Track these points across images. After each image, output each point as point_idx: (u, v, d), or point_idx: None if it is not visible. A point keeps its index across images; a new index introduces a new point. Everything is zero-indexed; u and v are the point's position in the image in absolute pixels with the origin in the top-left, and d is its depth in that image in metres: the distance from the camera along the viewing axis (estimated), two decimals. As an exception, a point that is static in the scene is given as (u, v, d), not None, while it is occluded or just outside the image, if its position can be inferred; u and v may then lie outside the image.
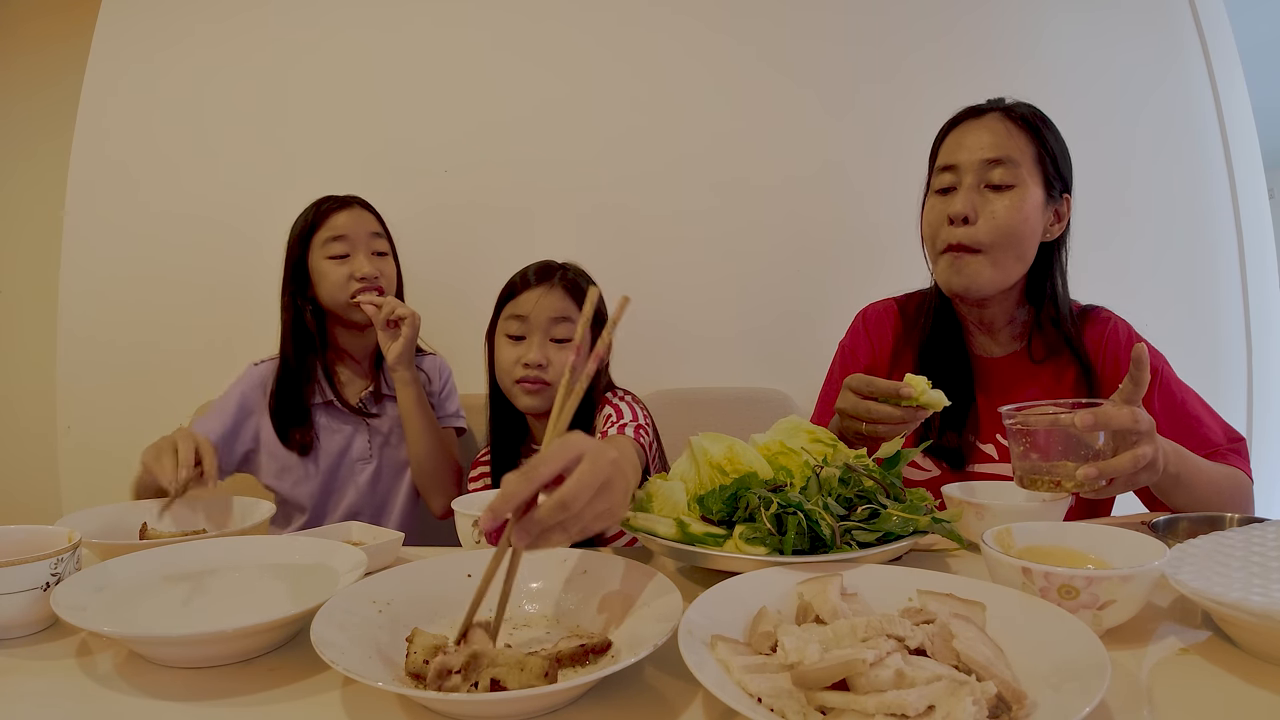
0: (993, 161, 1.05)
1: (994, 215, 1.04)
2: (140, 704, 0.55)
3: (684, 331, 1.87)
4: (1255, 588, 0.58)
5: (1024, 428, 0.80)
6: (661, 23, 1.90)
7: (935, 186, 1.11)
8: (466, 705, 0.51)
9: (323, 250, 1.37)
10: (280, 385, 1.38)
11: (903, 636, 0.52)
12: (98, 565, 0.72)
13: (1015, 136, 1.06)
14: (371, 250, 1.39)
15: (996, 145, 1.05)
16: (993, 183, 1.05)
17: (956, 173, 1.07)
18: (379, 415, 1.44)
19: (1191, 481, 0.91)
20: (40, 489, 2.02)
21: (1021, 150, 1.05)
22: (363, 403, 1.43)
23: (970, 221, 1.04)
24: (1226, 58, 1.96)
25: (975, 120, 1.09)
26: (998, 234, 1.04)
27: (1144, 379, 0.82)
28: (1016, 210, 1.04)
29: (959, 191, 1.06)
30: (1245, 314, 1.93)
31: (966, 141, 1.08)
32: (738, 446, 0.85)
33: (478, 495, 0.95)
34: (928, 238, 1.12)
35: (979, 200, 1.05)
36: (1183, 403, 1.08)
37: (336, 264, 1.36)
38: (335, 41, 1.92)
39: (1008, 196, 1.04)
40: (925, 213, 1.13)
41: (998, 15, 1.92)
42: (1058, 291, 1.12)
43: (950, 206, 1.06)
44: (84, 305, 1.92)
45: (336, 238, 1.36)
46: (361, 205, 1.43)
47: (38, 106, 2.38)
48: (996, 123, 1.07)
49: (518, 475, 0.53)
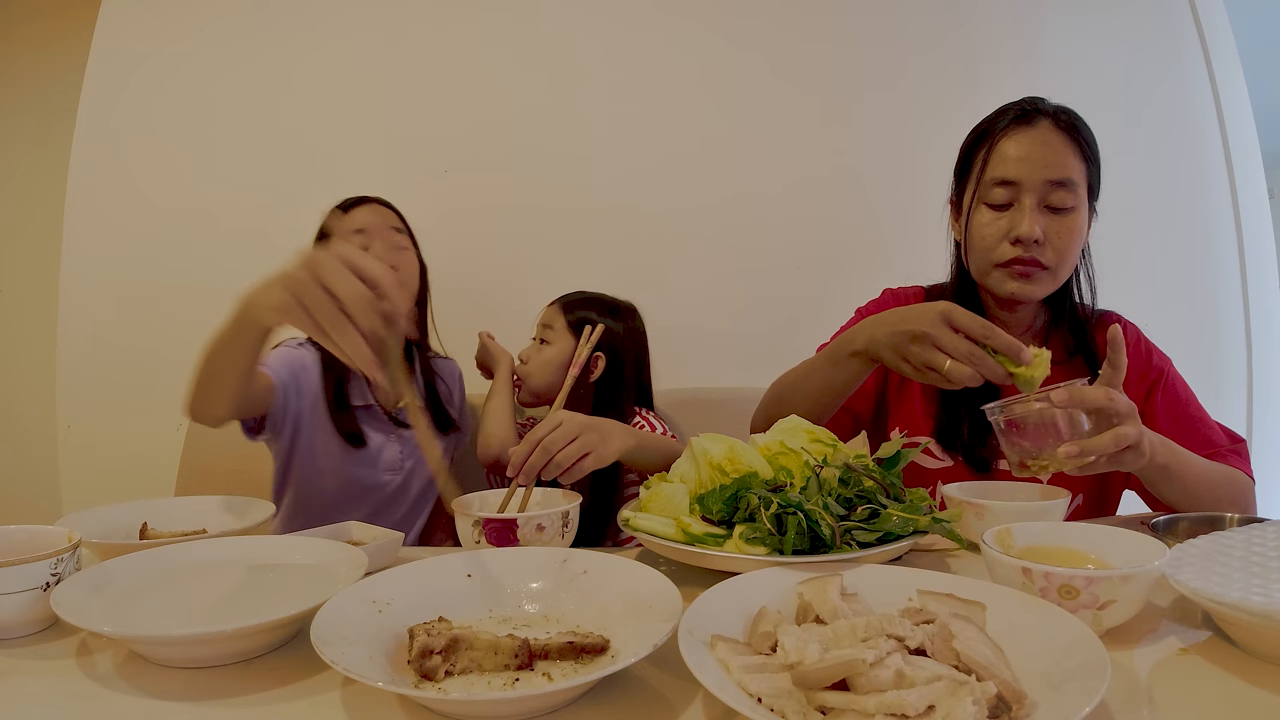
0: (1056, 183, 1.03)
1: (1058, 238, 1.04)
2: (140, 704, 0.55)
3: (685, 332, 1.87)
4: (1255, 588, 0.58)
5: (1010, 419, 0.83)
6: (665, 25, 1.90)
7: (988, 199, 1.07)
8: (466, 705, 0.51)
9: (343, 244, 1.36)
10: (331, 369, 1.33)
11: (903, 636, 0.52)
12: (98, 565, 0.72)
13: (1072, 155, 1.04)
14: (389, 244, 1.38)
15: (1060, 166, 1.03)
16: (1055, 205, 1.03)
17: (1015, 190, 1.04)
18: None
19: (1182, 475, 0.91)
20: (40, 489, 2.02)
21: (1079, 172, 1.04)
22: (399, 411, 1.41)
23: (1040, 244, 1.03)
24: (1226, 57, 1.96)
25: (1028, 129, 1.05)
26: (1060, 257, 1.04)
27: (1120, 361, 0.84)
28: (1077, 233, 1.05)
29: (1022, 212, 1.03)
30: (1245, 314, 1.93)
31: (1027, 155, 1.04)
32: (738, 447, 0.85)
33: (478, 495, 0.95)
34: (980, 249, 1.09)
35: (1043, 220, 1.04)
36: (1186, 404, 1.09)
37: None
38: (335, 41, 1.92)
39: (1068, 220, 1.04)
40: (977, 226, 1.08)
41: (998, 17, 1.92)
42: (1083, 297, 1.14)
43: (1017, 228, 1.03)
44: (84, 305, 1.92)
45: (356, 231, 1.36)
46: (381, 203, 1.43)
47: (38, 106, 2.39)
48: (1052, 135, 1.04)
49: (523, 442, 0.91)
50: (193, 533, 0.98)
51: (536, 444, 0.90)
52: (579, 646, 0.58)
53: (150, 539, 0.95)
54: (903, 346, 0.88)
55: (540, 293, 1.53)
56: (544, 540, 0.83)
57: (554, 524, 0.84)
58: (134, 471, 1.88)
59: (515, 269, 1.89)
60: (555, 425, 0.92)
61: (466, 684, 0.55)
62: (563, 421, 0.93)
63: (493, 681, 0.55)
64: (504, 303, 1.86)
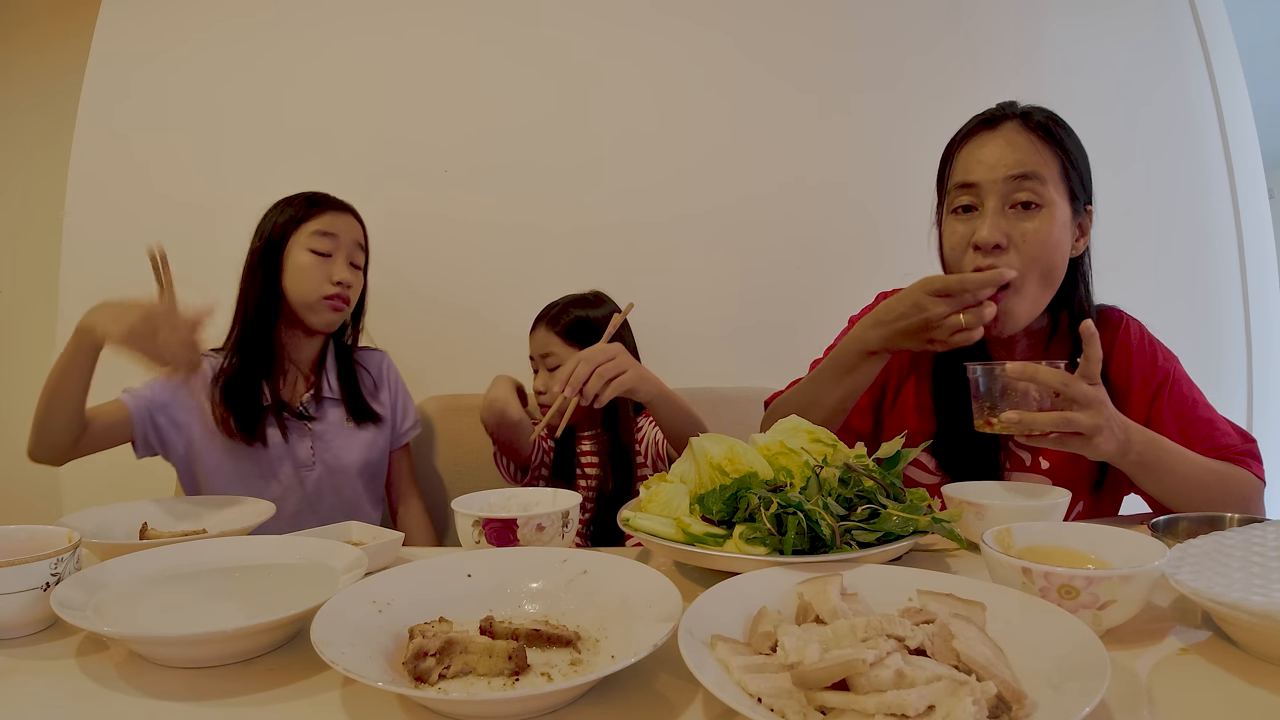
0: (1017, 178, 0.96)
1: (1024, 240, 0.96)
2: (140, 704, 0.55)
3: (685, 332, 1.87)
4: (1255, 588, 0.58)
5: (974, 376, 0.91)
6: (664, 28, 1.90)
7: (952, 205, 1.03)
8: (466, 705, 0.51)
9: (307, 242, 1.33)
10: (240, 371, 1.32)
11: (903, 636, 0.52)
12: (98, 565, 0.72)
13: (1038, 149, 0.98)
14: (351, 260, 1.37)
15: (1020, 160, 0.97)
16: (1019, 202, 0.97)
17: (976, 192, 0.99)
18: (319, 419, 1.40)
19: (1167, 474, 0.91)
20: (40, 489, 2.02)
21: (1046, 164, 0.97)
22: (303, 406, 1.39)
23: (1002, 248, 0.96)
24: (1226, 58, 1.96)
25: (990, 131, 1.01)
26: (1029, 262, 0.97)
27: (1094, 354, 0.85)
28: (1047, 234, 0.96)
29: (983, 215, 0.98)
30: (1245, 314, 1.93)
31: (985, 156, 0.99)
32: (738, 447, 0.85)
33: (478, 495, 0.95)
34: (950, 264, 1.04)
35: (1006, 223, 0.97)
36: (1194, 404, 1.06)
37: (317, 260, 1.33)
38: (336, 45, 1.92)
39: (1036, 218, 0.97)
40: (945, 235, 1.04)
41: (998, 17, 1.92)
42: (1083, 308, 1.08)
43: (977, 233, 0.97)
44: (84, 305, 1.90)
45: (326, 233, 1.34)
46: (354, 215, 1.41)
47: (38, 106, 2.38)
48: (1016, 134, 0.99)
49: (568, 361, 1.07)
50: (193, 533, 0.98)
51: (580, 360, 1.04)
52: (546, 636, 0.60)
53: (150, 539, 0.95)
54: (919, 335, 0.96)
55: (540, 293, 1.53)
56: (544, 540, 0.83)
57: (554, 524, 0.84)
58: (134, 471, 1.87)
59: (516, 269, 1.89)
60: (594, 350, 1.07)
61: (466, 684, 0.55)
62: (604, 348, 1.07)
63: (492, 682, 0.55)
64: (500, 309, 1.86)
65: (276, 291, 1.35)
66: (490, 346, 1.82)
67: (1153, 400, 1.07)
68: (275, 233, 1.36)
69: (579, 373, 1.03)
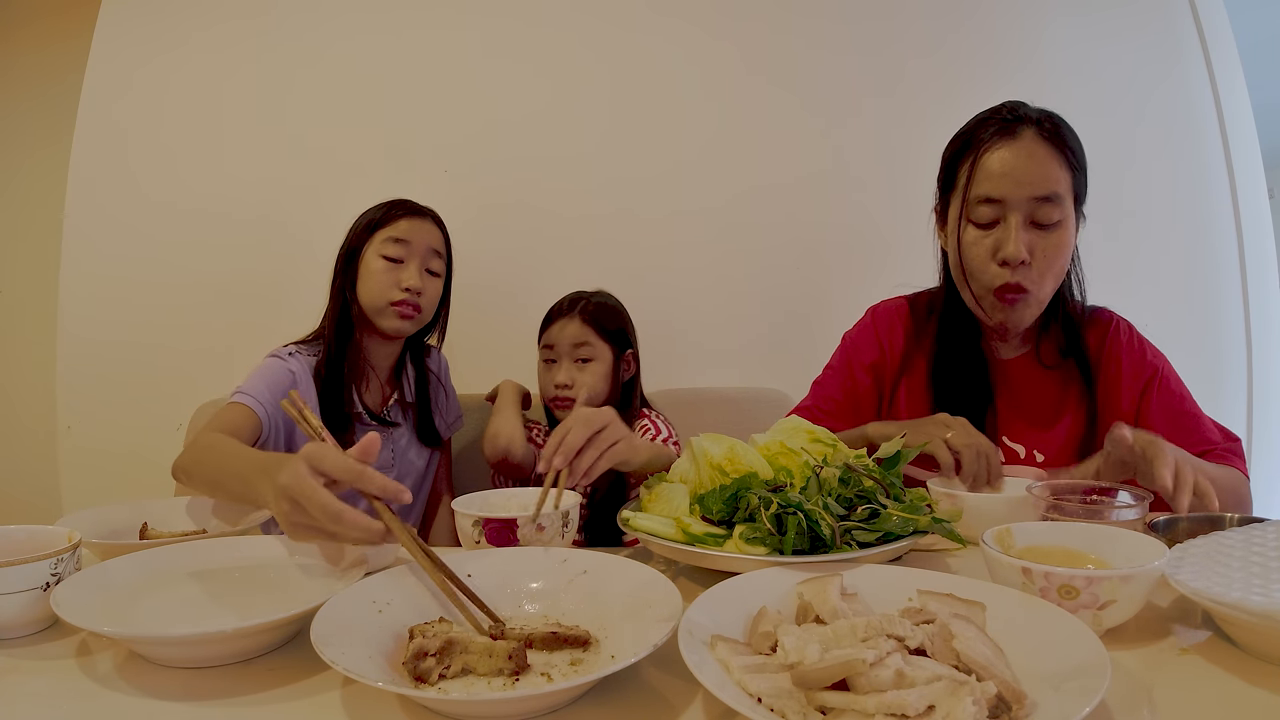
0: (1042, 199, 1.01)
1: (1043, 257, 1.03)
2: (140, 704, 0.55)
3: (685, 332, 1.87)
4: (1255, 588, 0.58)
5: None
6: (663, 30, 1.90)
7: (975, 217, 1.06)
8: (466, 705, 0.51)
9: (380, 248, 1.33)
10: (329, 376, 1.31)
11: (903, 636, 0.52)
12: (98, 565, 0.72)
13: (1058, 166, 1.02)
14: (426, 266, 1.35)
15: (1045, 181, 1.01)
16: (1042, 221, 1.02)
17: (1000, 207, 1.03)
18: (400, 424, 1.41)
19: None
20: (40, 489, 2.02)
21: (1065, 183, 1.03)
22: (387, 411, 1.39)
23: (1026, 264, 1.02)
24: (1226, 58, 1.96)
25: (1012, 142, 1.03)
26: (1049, 275, 1.05)
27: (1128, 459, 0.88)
28: (1065, 248, 1.04)
29: (1007, 230, 1.02)
30: (1245, 314, 1.93)
31: (1011, 171, 1.02)
32: (738, 447, 0.85)
33: (478, 495, 0.95)
34: (971, 272, 1.08)
35: (1029, 238, 1.03)
36: (1181, 401, 1.10)
37: (388, 265, 1.32)
38: (336, 46, 1.92)
39: (1056, 235, 1.03)
40: (966, 245, 1.07)
41: (998, 17, 1.92)
42: (1074, 299, 1.14)
43: (1003, 249, 1.02)
44: (84, 305, 1.92)
45: (397, 239, 1.33)
46: (434, 220, 1.40)
47: (38, 106, 2.38)
48: (1037, 147, 1.02)
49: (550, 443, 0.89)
50: (193, 533, 0.98)
51: (574, 422, 0.90)
52: (561, 637, 0.59)
53: (150, 539, 0.94)
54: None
55: (540, 293, 1.53)
56: (544, 540, 0.83)
57: (554, 524, 0.84)
58: (134, 471, 1.88)
59: (515, 270, 1.89)
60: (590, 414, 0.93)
61: (466, 684, 0.55)
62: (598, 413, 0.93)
63: (492, 682, 0.55)
64: (503, 304, 1.86)
65: (353, 297, 1.35)
66: (491, 346, 1.82)
67: (1142, 395, 1.11)
68: (354, 239, 1.37)
69: (571, 440, 0.89)
